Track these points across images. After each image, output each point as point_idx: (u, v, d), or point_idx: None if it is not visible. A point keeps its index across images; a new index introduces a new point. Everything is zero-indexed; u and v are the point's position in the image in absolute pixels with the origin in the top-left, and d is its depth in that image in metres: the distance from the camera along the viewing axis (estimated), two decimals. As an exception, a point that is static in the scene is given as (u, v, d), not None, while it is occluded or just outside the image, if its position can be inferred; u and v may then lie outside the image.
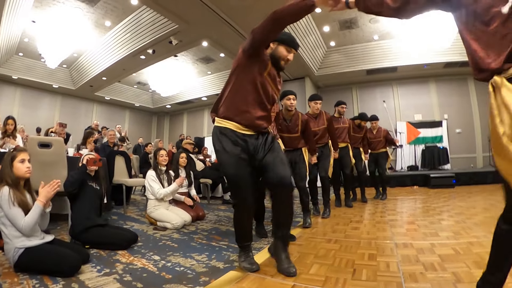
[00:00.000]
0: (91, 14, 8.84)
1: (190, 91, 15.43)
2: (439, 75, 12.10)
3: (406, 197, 6.79)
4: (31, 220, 2.23)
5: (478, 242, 2.81)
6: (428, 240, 2.96)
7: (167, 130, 18.90)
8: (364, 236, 3.28)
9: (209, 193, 6.86)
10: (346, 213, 4.92)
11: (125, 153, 6.38)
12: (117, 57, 10.40)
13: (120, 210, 5.41)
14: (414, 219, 4.24)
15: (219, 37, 8.83)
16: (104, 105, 15.93)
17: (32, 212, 2.26)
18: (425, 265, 2.26)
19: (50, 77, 12.55)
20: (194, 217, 4.36)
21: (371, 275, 2.11)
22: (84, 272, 2.25)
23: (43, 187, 2.38)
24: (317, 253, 2.68)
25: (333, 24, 9.72)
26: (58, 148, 4.13)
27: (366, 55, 11.26)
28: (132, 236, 3.06)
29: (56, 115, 13.59)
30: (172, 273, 2.24)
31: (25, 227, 2.21)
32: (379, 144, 6.50)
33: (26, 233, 2.23)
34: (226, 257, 2.63)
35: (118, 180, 5.49)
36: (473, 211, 4.60)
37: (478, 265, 2.17)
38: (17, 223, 2.19)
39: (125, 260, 2.57)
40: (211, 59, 12.32)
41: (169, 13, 7.62)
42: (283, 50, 2.38)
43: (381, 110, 12.57)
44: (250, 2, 6.83)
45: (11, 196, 2.21)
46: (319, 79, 12.63)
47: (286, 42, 2.37)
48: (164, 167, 4.51)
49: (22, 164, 2.40)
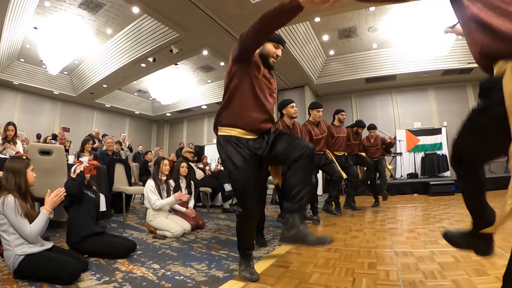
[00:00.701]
0: (92, 22, 8.90)
1: (190, 100, 15.47)
2: (438, 83, 12.17)
3: (406, 205, 6.78)
4: (37, 227, 2.27)
5: (478, 250, 2.80)
6: (428, 248, 2.96)
7: (167, 138, 18.90)
8: (364, 244, 3.28)
9: (208, 201, 6.85)
10: (346, 221, 4.92)
11: (125, 161, 6.39)
12: (118, 65, 10.43)
13: (120, 218, 5.39)
14: (414, 227, 4.23)
15: (219, 46, 8.88)
16: (104, 112, 15.96)
17: (38, 219, 2.30)
18: (425, 273, 2.26)
19: (51, 84, 12.59)
20: (194, 225, 4.35)
21: (371, 284, 2.10)
22: (83, 280, 2.25)
23: (50, 196, 2.40)
24: (317, 262, 2.68)
25: (332, 33, 9.79)
26: (58, 156, 4.14)
27: (365, 63, 11.34)
28: (130, 244, 3.05)
29: (57, 122, 13.61)
30: (171, 282, 2.24)
31: (32, 234, 2.23)
32: (377, 151, 6.62)
33: (31, 240, 2.26)
34: (226, 266, 2.62)
35: (118, 188, 5.48)
36: (473, 219, 4.58)
37: (478, 272, 2.18)
38: (23, 231, 2.21)
39: (124, 269, 2.56)
40: (211, 67, 12.37)
41: (169, 22, 7.67)
42: (270, 47, 2.40)
43: (380, 118, 12.68)
44: (249, 11, 6.88)
45: (17, 206, 2.23)
46: (319, 87, 12.68)
47: (272, 39, 2.38)
48: (165, 177, 4.50)
49: (32, 172, 2.44)
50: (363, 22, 9.19)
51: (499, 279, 2.00)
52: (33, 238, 2.25)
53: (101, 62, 11.03)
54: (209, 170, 7.95)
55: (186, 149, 7.23)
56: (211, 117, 16.47)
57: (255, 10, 6.88)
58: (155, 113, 17.62)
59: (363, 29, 9.58)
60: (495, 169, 11.11)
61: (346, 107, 13.14)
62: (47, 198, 2.39)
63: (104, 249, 2.90)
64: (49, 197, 2.41)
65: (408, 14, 8.45)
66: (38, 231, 2.27)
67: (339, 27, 9.42)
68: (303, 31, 9.14)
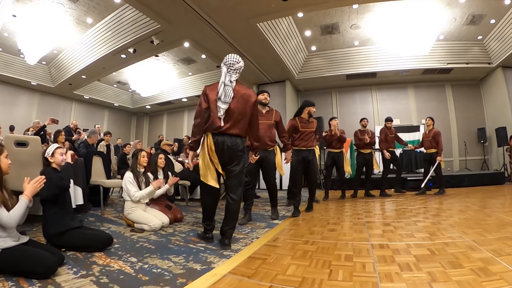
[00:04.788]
0: (72, 10, 8.69)
1: (170, 92, 15.35)
2: (417, 81, 12.46)
3: (383, 199, 6.89)
4: (16, 214, 2.21)
5: (453, 242, 2.87)
6: (404, 241, 3.01)
7: (147, 130, 18.69)
8: (341, 237, 3.31)
9: (187, 195, 6.79)
10: (324, 215, 4.96)
11: (102, 153, 6.27)
12: (98, 55, 10.23)
13: (98, 212, 5.29)
14: (390, 220, 4.30)
15: (200, 38, 8.80)
16: (83, 104, 15.63)
17: (17, 206, 2.24)
18: (400, 265, 2.29)
19: (29, 74, 12.23)
20: (172, 219, 4.30)
21: (347, 276, 2.12)
22: (60, 274, 2.20)
23: (29, 183, 2.34)
24: (294, 255, 2.69)
25: (315, 29, 9.82)
26: (34, 147, 4.03)
27: (347, 60, 11.47)
28: (107, 238, 2.99)
29: (34, 113, 13.24)
30: (149, 275, 2.21)
31: (11, 220, 2.17)
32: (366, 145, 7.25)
33: (11, 226, 2.20)
34: (204, 259, 2.60)
35: (96, 181, 5.38)
36: (449, 213, 4.70)
37: (453, 265, 2.22)
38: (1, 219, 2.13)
39: (101, 262, 2.52)
40: (192, 60, 12.28)
41: (151, 12, 7.54)
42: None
43: (360, 114, 12.85)
44: (232, 4, 6.83)
45: None
46: (300, 82, 12.76)
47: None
48: (143, 169, 4.44)
49: (6, 159, 2.36)
50: (346, 19, 9.25)
51: (474, 271, 2.06)
52: (12, 225, 2.18)
53: (80, 52, 10.78)
54: (188, 163, 7.87)
55: (164, 142, 7.14)
56: (191, 110, 16.44)
57: (238, 3, 6.85)
58: (134, 105, 17.38)
59: (346, 26, 9.65)
60: (472, 166, 11.42)
61: (326, 103, 13.38)
62: (26, 185, 2.33)
63: (81, 242, 2.84)
64: (29, 183, 2.35)
65: (391, 13, 8.57)
66: (17, 217, 2.20)
67: (321, 23, 9.45)
68: (285, 26, 9.14)
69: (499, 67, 10.98)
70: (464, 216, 4.34)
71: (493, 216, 4.28)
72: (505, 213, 4.52)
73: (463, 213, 4.66)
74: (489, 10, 8.78)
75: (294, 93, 13.19)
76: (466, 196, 6.81)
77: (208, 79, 13.57)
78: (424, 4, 8.18)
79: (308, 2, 7.19)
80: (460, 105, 12.28)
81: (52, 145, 3.10)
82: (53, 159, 3.01)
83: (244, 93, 3.11)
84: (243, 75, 11.53)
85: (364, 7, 8.52)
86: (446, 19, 9.19)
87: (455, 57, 10.98)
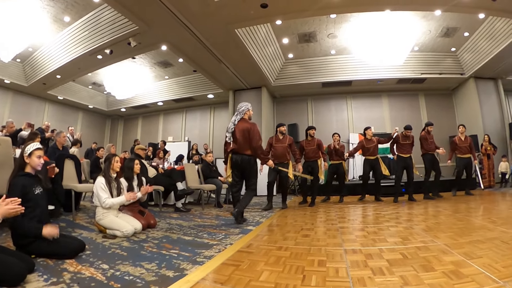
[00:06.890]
0: (50, 7, 8.51)
1: (146, 95, 15.14)
2: (391, 90, 12.83)
3: (357, 205, 6.99)
4: None
5: (425, 246, 2.93)
6: (377, 246, 3.05)
7: (121, 134, 18.28)
8: (315, 243, 3.32)
9: (161, 200, 6.68)
10: (298, 221, 4.99)
11: (75, 156, 6.09)
12: (73, 55, 10.01)
13: (69, 217, 5.10)
14: (364, 226, 4.36)
15: (178, 42, 8.76)
16: (56, 105, 15.14)
17: None
18: (373, 269, 2.31)
19: (2, 71, 11.79)
20: (145, 225, 4.21)
21: (320, 281, 2.13)
22: (30, 282, 2.11)
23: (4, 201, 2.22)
24: (268, 260, 2.68)
25: (292, 36, 9.95)
26: (5, 148, 3.89)
27: (323, 68, 11.68)
28: (79, 244, 2.89)
29: (6, 113, 12.67)
30: (121, 282, 2.16)
31: None
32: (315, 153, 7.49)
33: None
34: (177, 266, 2.56)
35: (67, 185, 5.16)
36: (421, 218, 4.82)
37: (425, 268, 2.26)
38: None
39: (73, 269, 2.44)
40: (169, 63, 12.20)
41: (130, 13, 7.45)
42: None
43: (335, 122, 13.14)
44: (212, 9, 6.83)
45: None
46: (276, 89, 12.88)
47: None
48: (115, 174, 4.34)
49: None
50: (324, 28, 9.41)
51: (446, 274, 2.10)
52: None
53: (56, 51, 10.54)
54: (162, 168, 7.77)
55: (138, 146, 7.00)
56: (167, 114, 16.32)
57: (217, 9, 6.85)
58: (109, 107, 17.01)
59: (323, 35, 9.82)
60: (444, 173, 11.72)
61: (302, 110, 13.55)
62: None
63: (52, 249, 2.72)
64: (4, 202, 2.21)
65: (368, 24, 8.76)
66: None
67: (299, 31, 9.59)
68: (263, 33, 9.21)
69: (471, 77, 11.44)
70: (435, 221, 4.45)
71: (464, 220, 4.41)
72: (476, 217, 4.68)
73: (434, 217, 4.79)
74: (463, 23, 9.12)
75: (270, 99, 13.28)
76: (437, 201, 7.04)
77: (185, 83, 13.52)
78: (400, 16, 8.42)
79: (287, 10, 7.29)
80: (432, 114, 12.65)
81: (32, 144, 2.92)
82: (29, 160, 2.83)
83: (243, 126, 4.92)
84: (219, 80, 11.59)
85: (342, 17, 8.70)
86: (421, 31, 9.50)
87: (429, 68, 11.38)
